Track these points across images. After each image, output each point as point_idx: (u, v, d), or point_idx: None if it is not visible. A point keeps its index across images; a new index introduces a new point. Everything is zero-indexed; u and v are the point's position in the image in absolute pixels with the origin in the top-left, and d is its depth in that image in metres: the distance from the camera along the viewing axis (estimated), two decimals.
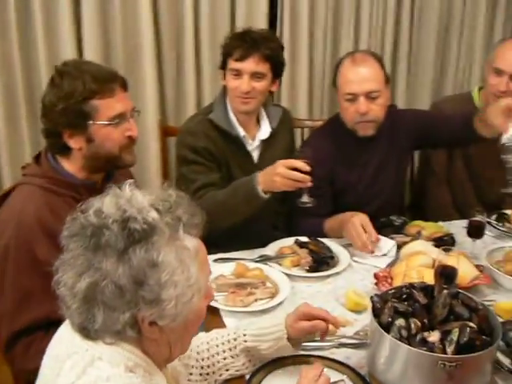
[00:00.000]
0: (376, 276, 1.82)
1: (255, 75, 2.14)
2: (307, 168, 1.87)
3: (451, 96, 2.85)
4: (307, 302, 1.51)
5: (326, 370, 1.34)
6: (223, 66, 2.21)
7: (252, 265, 1.90)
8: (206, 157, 2.15)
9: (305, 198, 1.94)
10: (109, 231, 0.94)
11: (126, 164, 1.72)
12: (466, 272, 1.77)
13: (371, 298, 1.44)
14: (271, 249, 2.04)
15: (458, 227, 2.29)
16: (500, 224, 2.21)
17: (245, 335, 1.42)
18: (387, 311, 1.38)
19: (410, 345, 1.30)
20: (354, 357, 1.51)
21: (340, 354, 1.52)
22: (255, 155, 2.29)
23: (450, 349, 1.29)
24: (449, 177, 2.58)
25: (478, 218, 1.98)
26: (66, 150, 1.62)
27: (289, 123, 2.49)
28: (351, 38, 3.05)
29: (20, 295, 1.52)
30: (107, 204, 0.98)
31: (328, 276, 1.90)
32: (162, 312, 0.96)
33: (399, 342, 1.30)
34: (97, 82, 1.56)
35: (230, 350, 1.42)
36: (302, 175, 1.87)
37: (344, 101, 2.19)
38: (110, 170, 1.75)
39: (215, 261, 1.95)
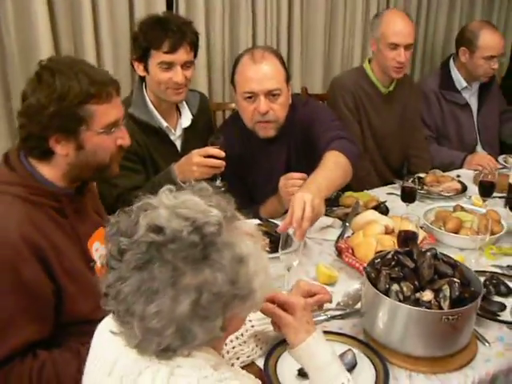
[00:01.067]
0: (338, 248, 1.92)
1: (185, 64, 2.12)
2: (222, 154, 1.94)
3: (347, 71, 3.04)
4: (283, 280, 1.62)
5: (334, 343, 1.42)
6: (141, 57, 2.12)
7: None
8: (129, 158, 2.07)
9: (218, 182, 2.01)
10: (185, 244, 0.89)
11: (112, 174, 1.60)
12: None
13: (364, 268, 1.53)
14: None
15: (381, 193, 2.48)
16: (419, 187, 2.42)
17: (250, 321, 1.43)
18: (383, 279, 1.47)
19: None
20: (346, 327, 1.60)
21: (333, 327, 1.59)
22: (178, 145, 2.29)
23: (445, 304, 1.42)
24: (364, 149, 2.75)
25: (410, 183, 2.16)
26: (46, 155, 1.46)
27: (207, 108, 2.50)
28: (250, 21, 3.08)
29: None
30: (167, 217, 0.91)
31: (289, 254, 1.94)
32: (253, 303, 0.96)
33: (402, 304, 1.41)
34: (94, 84, 1.42)
35: (237, 338, 1.43)
36: (219, 161, 1.95)
37: (243, 99, 2.11)
38: (91, 179, 1.62)
39: None
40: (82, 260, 1.50)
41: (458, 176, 2.67)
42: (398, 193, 2.44)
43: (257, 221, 2.12)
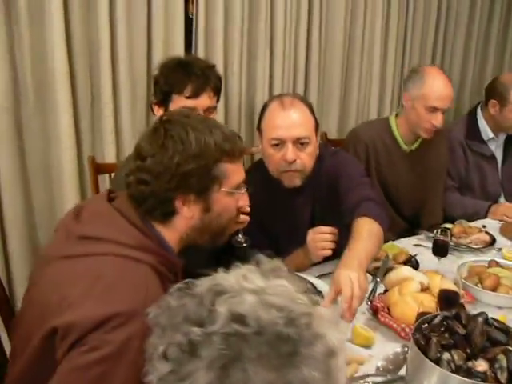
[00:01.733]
0: (373, 307, 1.81)
1: (208, 110, 2.04)
2: (247, 209, 1.81)
3: (369, 121, 2.98)
4: None
5: None
6: (163, 101, 2.04)
7: None
8: None
9: (240, 238, 1.89)
10: (277, 338, 0.74)
11: (223, 240, 1.50)
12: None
13: (413, 335, 1.42)
14: None
15: (408, 245, 2.39)
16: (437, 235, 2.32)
17: None
18: (434, 347, 1.36)
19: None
20: None
21: None
22: None
23: (502, 376, 1.31)
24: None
25: (442, 236, 2.07)
26: (167, 217, 1.32)
27: None
28: (267, 65, 3.03)
29: None
30: (253, 304, 0.76)
31: None
32: None
33: (454, 375, 1.30)
34: (228, 140, 1.32)
35: None
36: (243, 216, 1.78)
37: (269, 147, 2.03)
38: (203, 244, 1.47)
39: None
40: None
41: (484, 226, 2.58)
42: (425, 244, 2.36)
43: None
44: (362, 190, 2.04)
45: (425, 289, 1.85)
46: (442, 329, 1.43)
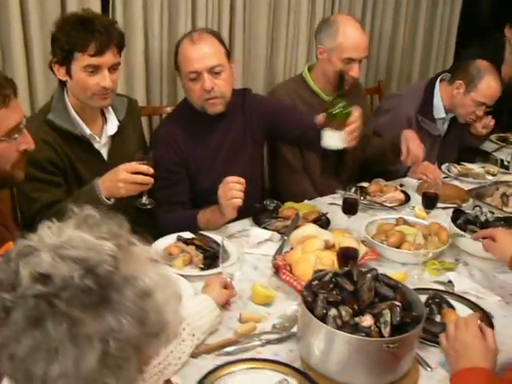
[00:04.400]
0: (276, 266, 1.80)
1: (112, 67, 1.96)
2: (151, 171, 1.85)
3: (284, 82, 2.87)
4: None
5: (267, 372, 1.32)
6: (63, 60, 1.93)
7: None
8: (49, 169, 1.93)
9: (144, 200, 1.94)
10: (79, 291, 0.74)
11: (15, 182, 1.48)
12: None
13: (301, 292, 1.42)
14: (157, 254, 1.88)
15: (323, 204, 2.39)
16: (361, 197, 2.33)
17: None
18: (320, 303, 1.37)
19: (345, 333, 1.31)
20: (281, 352, 1.48)
21: (267, 352, 1.48)
22: (104, 153, 2.10)
23: (385, 331, 1.33)
24: (304, 164, 2.64)
25: (352, 194, 2.07)
26: None
27: (136, 114, 2.33)
28: (188, 25, 2.92)
29: None
30: (51, 262, 0.76)
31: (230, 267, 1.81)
32: (169, 334, 0.83)
33: (340, 332, 1.31)
34: None
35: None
36: (147, 178, 1.85)
37: (188, 81, 2.15)
38: None
39: None
40: None
41: (402, 185, 2.59)
42: (339, 203, 2.35)
43: (189, 234, 1.98)
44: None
45: (331, 246, 1.85)
46: (331, 285, 1.43)
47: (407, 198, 2.44)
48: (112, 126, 2.10)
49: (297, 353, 1.46)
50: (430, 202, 2.17)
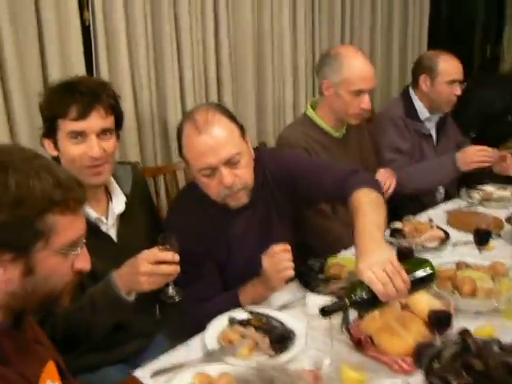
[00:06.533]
0: (355, 341, 1.59)
1: (103, 133, 1.70)
2: (176, 258, 1.55)
3: (291, 126, 2.66)
4: None
5: None
6: (49, 132, 1.69)
7: (210, 372, 1.49)
8: None
9: (171, 291, 1.62)
10: None
11: (60, 308, 1.20)
12: (429, 305, 1.64)
13: (427, 378, 1.22)
14: (211, 342, 1.64)
15: None
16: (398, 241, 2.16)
17: None
18: None
19: None
20: None
21: None
22: (113, 234, 1.82)
23: None
24: (332, 209, 2.47)
25: (404, 243, 1.91)
26: None
27: (142, 182, 2.03)
28: (176, 76, 2.74)
29: None
30: None
31: (296, 353, 1.60)
32: None
33: None
34: (61, 188, 1.06)
35: None
36: (172, 267, 1.55)
37: (201, 177, 1.79)
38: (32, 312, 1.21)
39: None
40: None
41: (431, 220, 2.46)
42: None
43: (240, 312, 1.76)
44: (332, 170, 1.93)
45: (404, 307, 1.67)
46: (457, 365, 1.25)
47: (446, 235, 2.30)
48: (119, 202, 1.82)
49: None
50: (482, 238, 2.03)
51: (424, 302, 1.63)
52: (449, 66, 2.81)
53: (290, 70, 3.31)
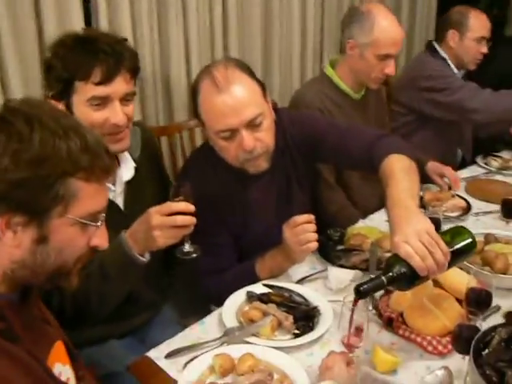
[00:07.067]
0: (386, 319, 1.49)
1: (125, 98, 1.54)
2: (191, 207, 1.41)
3: (308, 83, 2.53)
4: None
5: None
6: (63, 93, 1.51)
7: (231, 353, 1.38)
8: None
9: (188, 247, 1.48)
10: None
11: (69, 286, 1.09)
12: (462, 281, 1.54)
13: (479, 370, 1.12)
14: (230, 320, 1.52)
15: (381, 222, 2.10)
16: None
17: None
18: None
19: None
20: None
21: None
22: (120, 202, 1.68)
23: None
24: (339, 179, 2.35)
25: (433, 213, 1.80)
26: None
27: (152, 145, 1.87)
28: (180, 32, 2.56)
29: None
30: None
31: (323, 333, 1.50)
32: None
33: None
34: (89, 152, 0.98)
35: None
36: (188, 217, 1.40)
37: (219, 139, 1.64)
38: (38, 286, 1.11)
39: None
40: None
41: (450, 188, 2.34)
42: None
43: (260, 287, 1.65)
44: (359, 133, 1.79)
45: (435, 282, 1.57)
46: (510, 355, 1.15)
47: (468, 205, 2.20)
48: (127, 169, 1.67)
49: None
50: (510, 209, 1.93)
51: (457, 278, 1.53)
52: (479, 22, 2.74)
53: (297, 27, 3.13)
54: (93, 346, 1.66)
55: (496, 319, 1.51)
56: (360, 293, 1.27)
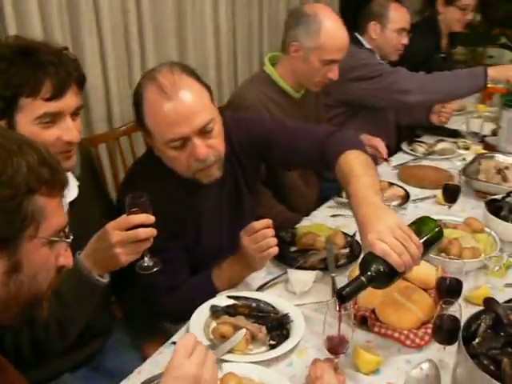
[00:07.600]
0: (360, 319, 1.46)
1: (74, 113, 1.41)
2: (152, 218, 1.33)
3: (248, 81, 2.42)
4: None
5: None
6: (4, 112, 1.33)
7: None
8: None
9: (147, 261, 1.40)
10: None
11: (41, 314, 1.00)
12: (428, 271, 1.56)
13: (475, 359, 1.12)
14: (199, 339, 1.39)
15: (326, 219, 2.09)
16: None
17: None
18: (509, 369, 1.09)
19: None
20: None
21: None
22: None
23: None
24: (273, 180, 2.32)
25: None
26: None
27: (90, 159, 1.73)
28: (94, 24, 2.41)
29: None
30: None
31: (299, 340, 1.44)
32: None
33: None
34: (47, 165, 0.91)
35: None
36: (148, 229, 1.32)
37: (168, 149, 1.53)
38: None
39: None
40: None
41: (387, 160, 2.40)
42: (343, 213, 2.09)
43: (222, 300, 1.57)
44: (308, 132, 1.74)
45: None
46: (500, 341, 1.16)
47: (406, 193, 2.24)
48: (70, 188, 1.47)
49: None
50: (452, 194, 1.98)
51: (421, 268, 1.53)
52: (399, 14, 2.82)
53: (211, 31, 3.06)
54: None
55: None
56: (343, 297, 1.23)
